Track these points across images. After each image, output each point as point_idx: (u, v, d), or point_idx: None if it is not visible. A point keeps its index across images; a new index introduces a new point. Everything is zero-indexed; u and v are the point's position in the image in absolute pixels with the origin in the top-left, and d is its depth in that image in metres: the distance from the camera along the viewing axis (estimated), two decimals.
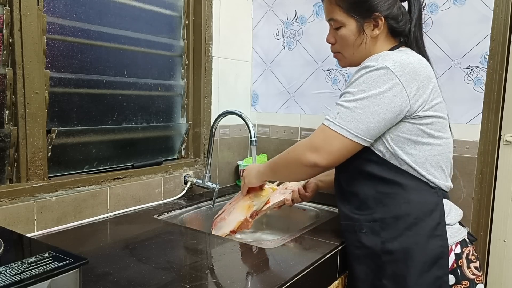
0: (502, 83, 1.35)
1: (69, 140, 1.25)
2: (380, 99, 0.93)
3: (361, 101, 0.94)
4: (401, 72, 0.94)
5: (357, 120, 0.94)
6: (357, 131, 0.94)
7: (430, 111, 0.98)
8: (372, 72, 0.95)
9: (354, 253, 1.06)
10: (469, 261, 1.00)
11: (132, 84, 1.43)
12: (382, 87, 0.93)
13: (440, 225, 0.98)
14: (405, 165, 0.99)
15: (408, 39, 1.07)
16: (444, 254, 0.97)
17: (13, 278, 0.57)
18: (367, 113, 0.94)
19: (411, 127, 0.97)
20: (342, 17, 1.04)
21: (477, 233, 1.40)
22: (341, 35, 1.06)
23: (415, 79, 0.95)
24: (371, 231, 1.01)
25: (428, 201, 1.00)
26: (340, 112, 0.96)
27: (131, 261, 0.95)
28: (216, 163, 1.73)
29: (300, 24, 1.76)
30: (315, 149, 0.98)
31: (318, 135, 0.99)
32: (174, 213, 1.40)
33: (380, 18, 1.02)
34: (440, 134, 1.01)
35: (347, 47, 1.07)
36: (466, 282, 0.99)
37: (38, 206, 1.12)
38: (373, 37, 1.04)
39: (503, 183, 1.39)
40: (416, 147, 0.99)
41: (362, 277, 1.04)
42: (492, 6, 1.34)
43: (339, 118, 0.96)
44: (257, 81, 1.91)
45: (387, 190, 1.00)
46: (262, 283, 0.86)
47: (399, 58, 0.96)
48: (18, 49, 1.07)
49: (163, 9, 1.53)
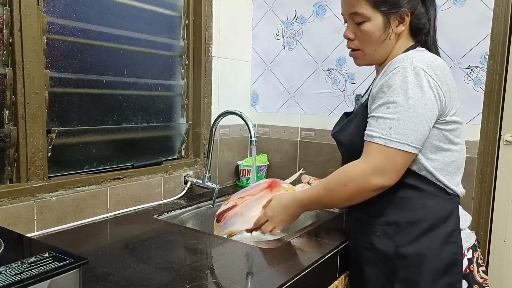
0: (502, 83, 1.35)
1: (69, 140, 1.25)
2: (429, 105, 0.90)
3: (414, 110, 0.90)
4: (434, 74, 0.92)
5: (416, 131, 0.90)
6: (417, 143, 0.91)
7: (454, 116, 0.97)
8: (410, 75, 0.91)
9: (365, 255, 1.04)
10: (478, 265, 1.01)
11: (132, 84, 1.43)
12: (428, 92, 0.90)
13: (455, 232, 0.97)
14: (424, 170, 0.97)
15: (427, 38, 1.05)
16: (458, 261, 0.96)
17: (13, 278, 0.57)
18: (422, 121, 0.90)
19: (437, 133, 0.96)
20: (368, 10, 0.98)
21: (477, 233, 1.40)
22: (365, 30, 1.00)
23: (445, 82, 0.94)
24: (384, 234, 1.00)
25: (444, 208, 0.98)
26: (393, 126, 0.91)
27: (131, 261, 0.95)
28: (216, 163, 1.73)
29: (300, 24, 1.76)
30: (380, 172, 0.92)
31: (377, 156, 0.92)
32: (174, 213, 1.40)
33: (406, 14, 0.99)
34: (458, 140, 1.00)
35: (369, 43, 1.01)
36: (476, 286, 0.99)
37: (38, 206, 1.11)
38: (397, 33, 1.01)
39: (503, 183, 1.39)
40: (437, 153, 0.97)
41: (373, 280, 1.03)
42: (492, 6, 1.34)
43: (395, 133, 0.90)
44: (257, 81, 1.91)
45: (404, 195, 0.98)
46: (262, 283, 0.86)
47: (429, 60, 0.94)
48: (18, 49, 1.07)
49: (163, 9, 1.53)
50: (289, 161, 1.82)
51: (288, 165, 1.83)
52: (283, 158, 1.84)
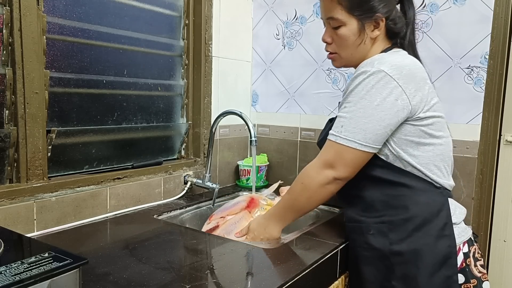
0: (502, 83, 1.35)
1: (69, 140, 1.24)
2: (383, 105, 0.93)
3: (364, 110, 0.94)
4: (398, 75, 0.94)
5: (364, 129, 0.94)
6: (366, 141, 0.95)
7: (430, 111, 0.98)
8: (369, 78, 0.95)
9: (361, 254, 1.05)
10: (475, 259, 1.01)
11: (132, 84, 1.43)
12: (382, 93, 0.93)
13: (448, 225, 0.98)
14: (410, 166, 0.99)
15: (403, 41, 1.08)
16: (452, 254, 0.97)
17: (13, 278, 0.57)
18: (372, 121, 0.94)
19: (413, 129, 0.98)
20: (343, 16, 1.02)
21: (477, 233, 1.40)
22: (341, 35, 1.04)
23: (412, 81, 0.95)
24: (378, 232, 1.01)
25: (435, 202, 1.00)
26: (344, 124, 0.96)
27: (131, 261, 0.95)
28: (216, 163, 1.73)
29: (300, 24, 1.76)
30: (329, 165, 0.98)
31: (327, 151, 0.99)
32: (174, 213, 1.40)
33: (381, 19, 1.03)
34: (441, 133, 1.01)
35: (345, 47, 1.06)
36: (474, 281, 0.99)
37: (38, 206, 1.11)
38: (372, 38, 1.04)
39: (503, 183, 1.39)
40: (419, 148, 0.99)
41: (370, 279, 1.03)
42: (492, 6, 1.34)
43: (345, 131, 0.95)
44: (257, 81, 1.91)
45: (394, 193, 1.00)
46: (262, 283, 0.86)
47: (395, 61, 0.96)
48: (18, 49, 1.07)
49: (163, 9, 1.53)
50: (289, 161, 1.82)
51: (288, 165, 1.83)
52: (283, 158, 1.84)
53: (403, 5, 1.08)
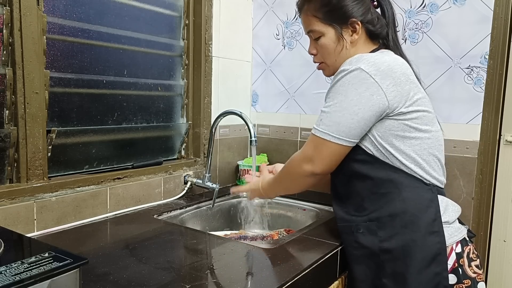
0: (502, 83, 1.35)
1: (69, 140, 1.25)
2: (357, 100, 0.95)
3: (340, 104, 0.97)
4: (375, 71, 0.95)
5: (338, 122, 0.97)
6: (338, 134, 0.97)
7: (413, 106, 0.99)
8: (347, 75, 0.97)
9: (352, 254, 1.06)
10: (470, 260, 1.01)
11: (132, 84, 1.43)
12: (358, 89, 0.96)
13: (436, 221, 0.98)
14: (397, 162, 0.99)
15: (387, 42, 1.10)
16: (442, 251, 0.97)
17: (13, 278, 0.57)
18: (346, 115, 0.96)
19: (396, 123, 0.98)
20: (320, 26, 1.08)
21: (477, 233, 1.40)
22: (322, 44, 1.10)
23: (390, 76, 0.96)
24: (368, 231, 1.02)
25: (422, 198, 1.00)
26: (322, 118, 1.00)
27: (131, 261, 0.95)
28: (216, 163, 1.73)
29: (299, 24, 1.76)
30: (309, 159, 1.02)
31: (308, 144, 1.03)
32: (174, 213, 1.40)
33: (357, 23, 1.06)
34: (427, 127, 1.01)
35: (328, 55, 1.10)
36: (468, 281, 0.99)
37: (38, 206, 1.12)
38: (352, 42, 1.08)
39: (503, 183, 1.39)
40: (405, 142, 0.99)
41: (362, 278, 1.04)
42: (492, 6, 1.34)
43: (322, 124, 0.99)
44: (257, 81, 1.91)
45: (382, 190, 1.01)
46: (262, 283, 0.86)
47: (373, 58, 0.98)
48: (18, 49, 1.07)
49: (163, 9, 1.53)
50: None
51: None
52: (283, 158, 1.84)
53: (381, 6, 1.11)
